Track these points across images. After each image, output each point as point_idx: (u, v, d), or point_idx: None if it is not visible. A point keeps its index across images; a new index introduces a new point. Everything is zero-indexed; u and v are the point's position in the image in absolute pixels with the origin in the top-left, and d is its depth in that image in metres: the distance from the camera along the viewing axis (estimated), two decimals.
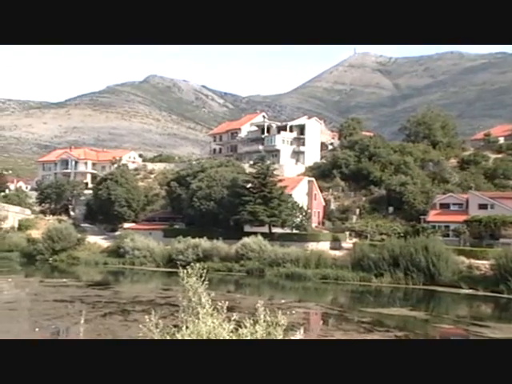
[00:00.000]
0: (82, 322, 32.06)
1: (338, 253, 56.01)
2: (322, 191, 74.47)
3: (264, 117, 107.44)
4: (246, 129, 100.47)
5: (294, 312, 32.75)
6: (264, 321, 8.08)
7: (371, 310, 37.12)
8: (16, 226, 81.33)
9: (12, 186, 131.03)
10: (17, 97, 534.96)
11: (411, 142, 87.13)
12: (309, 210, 66.81)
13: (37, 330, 27.13)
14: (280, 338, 8.05)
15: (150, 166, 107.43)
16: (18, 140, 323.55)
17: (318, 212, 72.16)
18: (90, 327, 29.72)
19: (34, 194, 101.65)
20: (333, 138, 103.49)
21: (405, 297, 44.33)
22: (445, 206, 61.13)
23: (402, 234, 56.11)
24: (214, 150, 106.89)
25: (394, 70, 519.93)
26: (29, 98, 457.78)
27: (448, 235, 56.75)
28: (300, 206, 64.84)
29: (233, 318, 8.10)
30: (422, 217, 61.81)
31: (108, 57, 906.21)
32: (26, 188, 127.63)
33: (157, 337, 7.96)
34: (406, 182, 67.26)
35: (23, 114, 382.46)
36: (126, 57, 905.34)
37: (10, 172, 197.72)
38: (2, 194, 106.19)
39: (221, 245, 59.05)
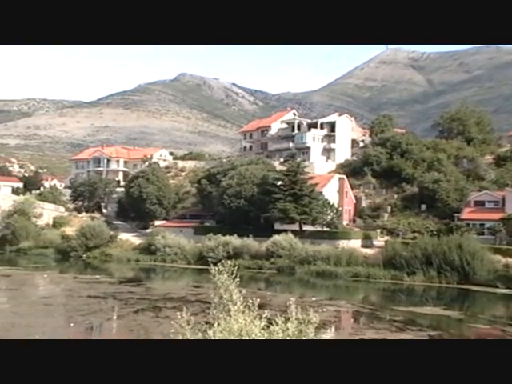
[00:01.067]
0: (115, 318, 32.47)
1: (369, 251, 55.51)
2: (352, 189, 73.80)
3: (294, 114, 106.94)
4: (277, 126, 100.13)
5: (325, 310, 32.50)
6: (296, 318, 7.97)
7: (403, 309, 36.61)
8: (51, 223, 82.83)
9: (47, 184, 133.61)
10: (51, 96, 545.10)
11: (444, 138, 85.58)
12: (340, 208, 66.26)
13: (72, 325, 27.57)
14: (312, 335, 7.94)
15: (180, 163, 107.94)
16: (52, 139, 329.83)
17: (349, 209, 71.53)
18: (123, 323, 30.06)
19: (68, 191, 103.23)
20: (364, 135, 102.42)
21: (438, 296, 43.63)
22: (480, 204, 59.88)
23: (434, 232, 55.26)
24: (245, 147, 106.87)
25: (427, 65, 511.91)
26: (63, 98, 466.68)
27: (483, 233, 55.61)
28: (331, 203, 64.36)
29: (264, 316, 8.04)
30: (455, 215, 60.69)
31: (139, 56, 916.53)
32: (60, 186, 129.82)
33: (189, 333, 7.93)
34: (439, 179, 66.07)
35: (57, 114, 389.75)
36: (156, 56, 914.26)
37: (45, 170, 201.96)
38: (38, 191, 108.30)
39: (251, 242, 59.11)
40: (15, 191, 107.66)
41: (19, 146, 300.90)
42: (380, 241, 58.79)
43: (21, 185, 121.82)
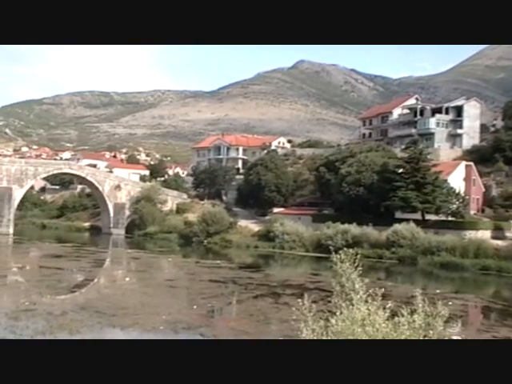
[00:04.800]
0: (235, 302, 33.01)
1: (500, 242, 51.73)
2: (481, 176, 69.35)
3: (417, 99, 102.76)
4: (398, 112, 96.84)
5: (450, 303, 30.63)
6: (422, 311, 7.79)
7: None
8: (174, 209, 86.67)
9: (170, 172, 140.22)
10: (175, 87, 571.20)
11: None
12: (466, 197, 62.66)
13: (195, 307, 28.37)
14: (440, 329, 7.69)
15: (298, 151, 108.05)
16: (175, 128, 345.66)
17: (477, 198, 67.37)
18: (243, 308, 30.44)
19: (190, 179, 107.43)
20: (495, 120, 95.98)
21: None
22: None
23: None
24: (364, 134, 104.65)
25: None
26: (185, 88, 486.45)
27: None
28: (456, 191, 61.07)
29: (388, 306, 7.96)
30: None
31: (258, 45, 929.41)
32: (183, 173, 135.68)
33: (310, 321, 7.85)
34: None
35: (180, 104, 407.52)
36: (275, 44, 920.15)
37: (169, 158, 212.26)
38: (162, 179, 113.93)
39: (370, 231, 57.66)
40: (142, 178, 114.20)
41: (145, 136, 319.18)
42: None
43: (147, 172, 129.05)
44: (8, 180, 77.03)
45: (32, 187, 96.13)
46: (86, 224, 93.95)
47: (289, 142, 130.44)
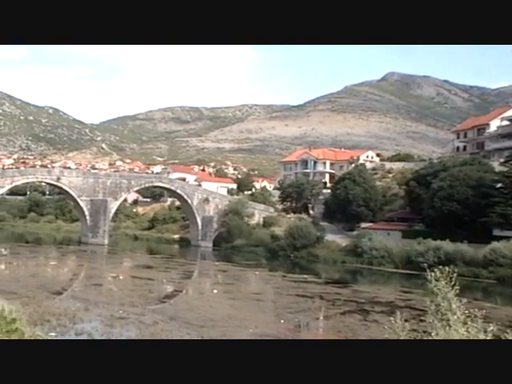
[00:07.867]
0: (322, 318, 32.50)
1: None
2: None
3: None
4: (496, 124, 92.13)
5: None
6: None
7: None
8: (261, 222, 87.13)
9: (257, 185, 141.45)
10: (262, 102, 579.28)
11: None
12: None
13: (282, 321, 28.23)
14: None
15: (387, 165, 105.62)
16: (262, 142, 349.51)
17: None
18: (330, 323, 29.92)
19: (277, 192, 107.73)
20: None
21: None
22: None
23: None
24: (458, 147, 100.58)
25: None
26: (272, 103, 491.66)
27: None
28: None
29: (489, 329, 7.39)
30: None
31: (346, 57, 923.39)
32: (270, 187, 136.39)
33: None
34: None
35: (267, 118, 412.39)
36: (363, 56, 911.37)
37: (256, 172, 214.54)
38: (249, 192, 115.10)
39: (465, 248, 55.06)
40: (230, 192, 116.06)
41: (233, 150, 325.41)
42: None
43: (235, 186, 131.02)
44: (104, 193, 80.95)
45: (125, 200, 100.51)
46: (176, 236, 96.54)
47: (377, 155, 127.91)
